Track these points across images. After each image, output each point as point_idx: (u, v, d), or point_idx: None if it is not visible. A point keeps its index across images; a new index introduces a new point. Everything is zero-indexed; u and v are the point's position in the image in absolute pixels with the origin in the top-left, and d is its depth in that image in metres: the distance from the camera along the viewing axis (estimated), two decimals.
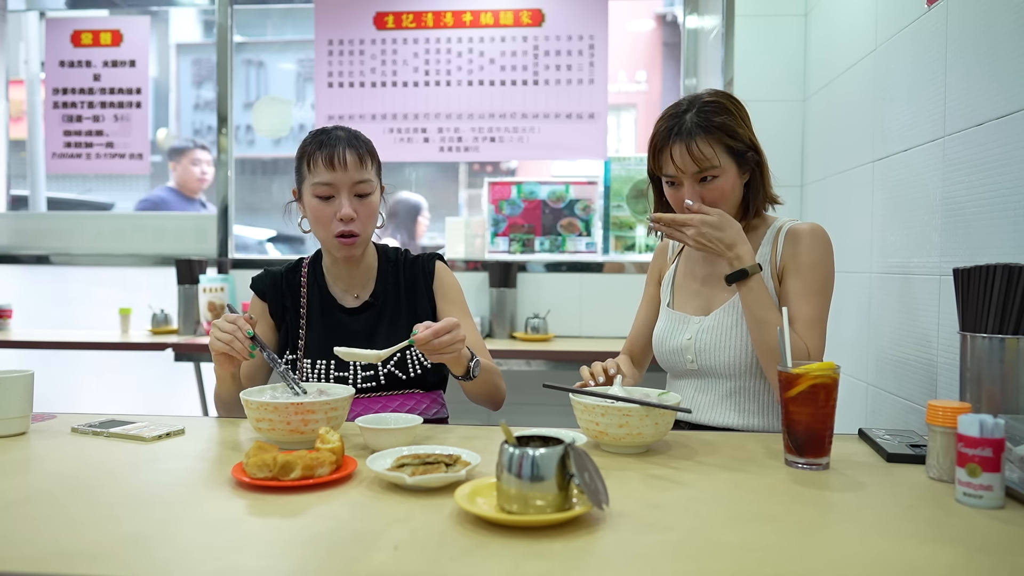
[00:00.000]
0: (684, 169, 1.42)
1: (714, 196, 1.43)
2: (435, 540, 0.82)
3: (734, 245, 1.39)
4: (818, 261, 1.43)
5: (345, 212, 1.47)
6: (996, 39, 1.39)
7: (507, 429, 0.92)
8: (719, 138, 1.41)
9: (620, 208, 3.16)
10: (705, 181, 1.43)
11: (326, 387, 1.36)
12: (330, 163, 1.47)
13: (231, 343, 1.33)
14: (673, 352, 1.52)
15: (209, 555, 0.79)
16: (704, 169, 1.42)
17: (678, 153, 1.42)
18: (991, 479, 0.93)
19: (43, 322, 3.39)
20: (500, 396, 1.57)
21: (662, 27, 8.13)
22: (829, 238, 1.46)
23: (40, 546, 0.80)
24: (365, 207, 1.51)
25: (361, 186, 1.50)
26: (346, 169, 1.47)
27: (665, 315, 1.58)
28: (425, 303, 1.60)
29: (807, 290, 1.41)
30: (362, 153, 1.50)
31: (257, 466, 1.00)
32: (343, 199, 1.48)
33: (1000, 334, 1.11)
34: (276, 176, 8.72)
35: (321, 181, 1.48)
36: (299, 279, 1.61)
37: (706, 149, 1.40)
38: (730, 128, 1.42)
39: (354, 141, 1.51)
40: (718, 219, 1.39)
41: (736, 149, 1.43)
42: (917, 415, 1.66)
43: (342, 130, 1.53)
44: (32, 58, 3.76)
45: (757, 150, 1.47)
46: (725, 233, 1.38)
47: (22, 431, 1.29)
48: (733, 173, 1.44)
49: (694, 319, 1.51)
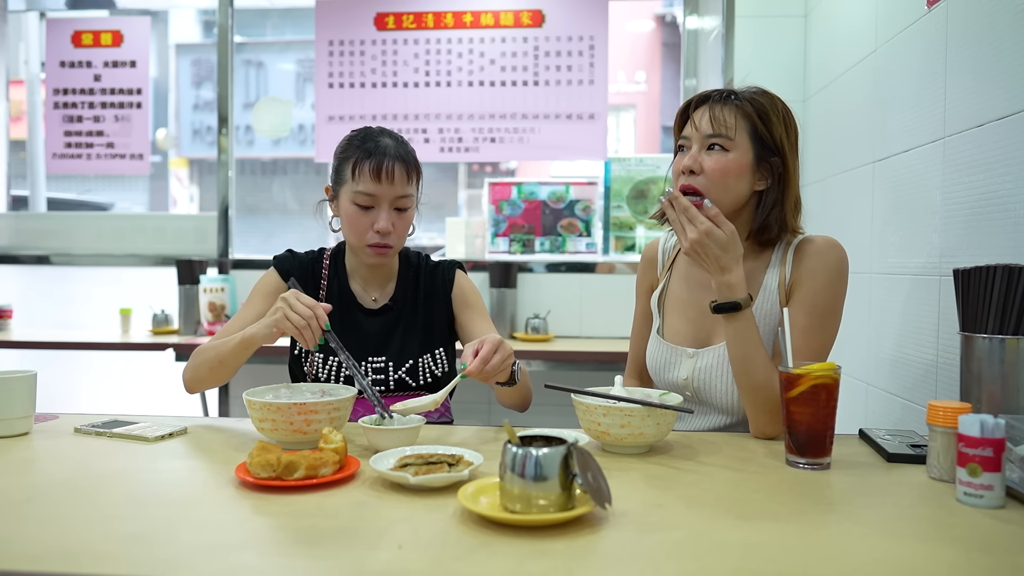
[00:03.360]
0: (699, 128, 1.34)
1: (712, 167, 1.32)
2: (439, 539, 0.82)
3: (729, 269, 1.26)
4: (825, 284, 1.32)
5: (383, 226, 1.45)
6: (997, 40, 1.40)
7: (510, 429, 0.92)
8: (747, 114, 1.33)
9: (620, 208, 3.17)
10: (712, 150, 1.33)
11: (329, 387, 1.36)
12: (377, 175, 1.44)
13: (303, 329, 1.27)
14: (669, 386, 1.44)
15: (213, 555, 0.79)
16: (716, 134, 1.32)
17: (699, 114, 1.35)
18: (992, 479, 0.93)
19: (43, 322, 3.40)
20: (530, 398, 1.52)
21: (662, 28, 8.14)
22: (842, 254, 1.35)
23: (44, 545, 0.81)
24: (403, 220, 1.49)
25: (402, 200, 1.48)
26: (392, 183, 1.45)
27: (656, 343, 1.47)
28: (442, 312, 1.60)
29: (810, 320, 1.30)
30: (410, 168, 1.47)
31: (260, 466, 1.00)
32: (383, 212, 1.46)
33: (1000, 334, 1.11)
34: (276, 176, 8.72)
35: (364, 191, 1.45)
36: (320, 270, 1.60)
37: (728, 116, 1.32)
38: (766, 113, 1.33)
39: (403, 153, 1.47)
40: (726, 237, 1.25)
41: (761, 137, 1.33)
42: (918, 415, 1.66)
43: (390, 137, 1.49)
44: (32, 58, 3.76)
45: (785, 160, 1.35)
46: (727, 254, 1.25)
47: (25, 431, 1.30)
48: (746, 159, 1.33)
49: (687, 352, 1.41)
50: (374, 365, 1.53)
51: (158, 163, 7.94)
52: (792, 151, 1.36)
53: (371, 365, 1.53)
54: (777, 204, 1.36)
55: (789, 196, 1.36)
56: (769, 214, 1.36)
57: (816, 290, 1.32)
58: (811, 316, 1.31)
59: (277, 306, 1.31)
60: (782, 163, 1.35)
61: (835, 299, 1.34)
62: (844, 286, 1.35)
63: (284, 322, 1.29)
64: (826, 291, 1.32)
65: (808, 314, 1.31)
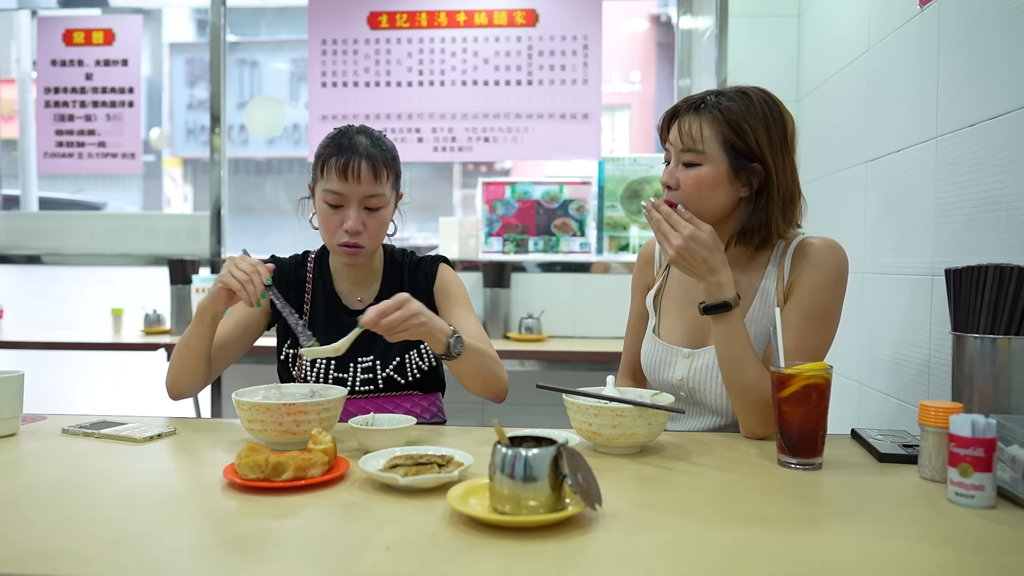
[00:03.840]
0: (673, 143, 1.34)
1: (685, 182, 1.31)
2: (427, 541, 0.82)
3: (717, 270, 1.24)
4: (823, 285, 1.30)
5: (350, 226, 1.44)
6: (988, 40, 1.40)
7: (500, 429, 0.92)
8: (717, 124, 1.29)
9: (614, 208, 3.16)
10: (687, 166, 1.32)
11: (319, 388, 1.35)
12: (344, 174, 1.43)
13: (246, 283, 1.33)
14: (663, 386, 1.44)
15: (200, 556, 0.79)
16: (686, 149, 1.31)
17: (674, 126, 1.34)
18: (983, 479, 0.93)
19: (34, 322, 3.38)
20: (499, 384, 1.47)
21: (656, 27, 8.15)
22: (842, 256, 1.33)
23: (30, 547, 0.80)
24: (374, 220, 1.47)
25: (372, 200, 1.46)
26: (359, 182, 1.43)
27: (651, 342, 1.46)
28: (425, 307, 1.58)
29: (806, 322, 1.29)
30: (378, 166, 1.45)
31: (249, 467, 0.99)
32: (351, 211, 1.45)
33: (992, 334, 1.11)
34: (270, 176, 8.70)
35: (331, 189, 1.45)
36: (305, 273, 1.59)
37: (695, 129, 1.30)
38: (736, 121, 1.29)
39: (373, 152, 1.45)
40: (709, 238, 1.24)
41: (735, 146, 1.29)
42: (909, 415, 1.66)
43: (364, 135, 1.48)
44: (24, 57, 3.74)
45: (766, 165, 1.31)
46: (712, 256, 1.24)
47: (12, 432, 1.28)
48: (720, 171, 1.30)
49: (683, 352, 1.40)
50: (362, 365, 1.52)
51: (151, 162, 7.91)
52: (778, 151, 1.32)
53: (359, 365, 1.52)
54: (761, 208, 1.33)
55: (774, 199, 1.32)
56: (751, 218, 1.33)
57: (814, 292, 1.31)
58: (807, 318, 1.30)
59: (223, 267, 1.37)
60: (763, 167, 1.31)
61: (833, 302, 1.32)
62: (843, 289, 1.33)
63: (228, 277, 1.35)
64: (824, 293, 1.31)
65: (804, 315, 1.30)
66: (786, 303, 1.33)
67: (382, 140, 1.51)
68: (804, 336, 1.29)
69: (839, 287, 1.32)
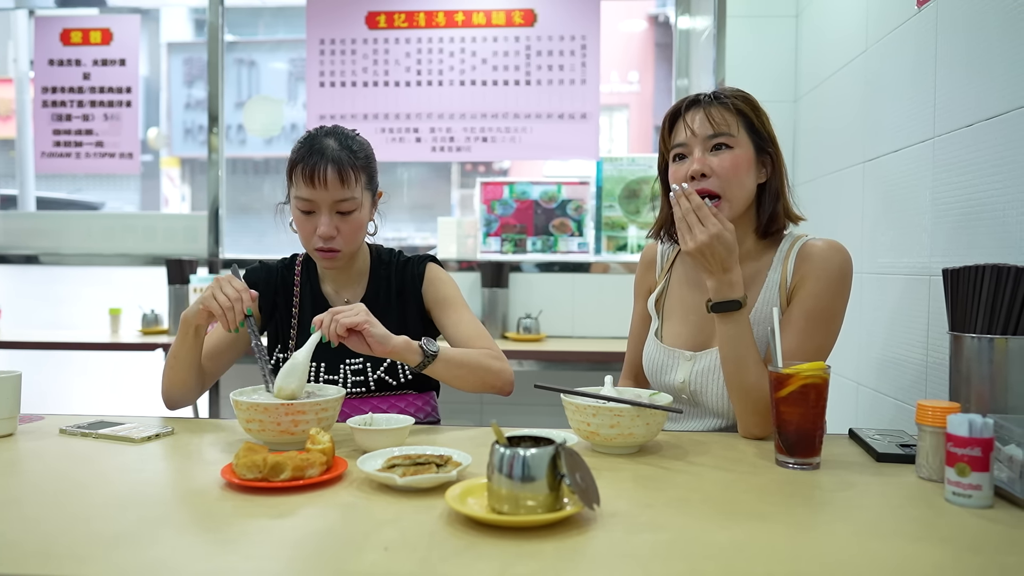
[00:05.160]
0: (697, 132, 1.32)
1: (725, 166, 1.31)
2: (425, 541, 0.82)
3: (731, 268, 1.25)
4: (826, 287, 1.30)
5: (323, 231, 1.42)
6: (986, 40, 1.40)
7: (498, 429, 0.92)
8: (740, 110, 1.34)
9: (612, 208, 3.16)
10: (718, 150, 1.32)
11: (317, 388, 1.35)
12: (310, 180, 1.40)
13: (227, 310, 1.33)
14: (665, 388, 1.43)
15: (198, 557, 0.79)
16: (719, 134, 1.31)
17: (693, 118, 1.34)
18: (980, 478, 0.93)
19: (32, 322, 3.37)
20: (498, 380, 1.46)
21: (654, 28, 8.15)
22: (845, 258, 1.33)
23: (28, 547, 0.80)
24: (348, 223, 1.45)
25: (343, 204, 1.43)
26: (326, 188, 1.41)
27: (654, 345, 1.46)
28: (414, 308, 1.56)
29: (807, 323, 1.29)
30: (345, 170, 1.41)
31: (247, 467, 0.99)
32: (323, 216, 1.43)
33: (989, 334, 1.11)
34: (268, 176, 8.69)
35: (301, 196, 1.43)
36: (292, 277, 1.59)
37: (726, 115, 1.33)
38: (755, 107, 1.36)
39: (340, 156, 1.42)
40: (731, 238, 1.24)
41: (756, 128, 1.34)
42: (907, 415, 1.66)
43: (333, 138, 1.45)
44: (21, 56, 3.74)
45: (776, 149, 1.37)
46: (730, 255, 1.24)
47: (9, 432, 1.28)
48: (749, 152, 1.33)
49: (685, 355, 1.40)
50: (353, 367, 1.51)
51: (149, 162, 7.90)
52: (776, 142, 1.39)
53: (349, 367, 1.51)
54: (774, 194, 1.38)
55: (784, 185, 1.38)
56: (776, 204, 1.37)
57: (817, 293, 1.31)
58: (808, 319, 1.30)
59: (209, 286, 1.37)
60: (774, 150, 1.37)
61: (835, 303, 1.32)
62: (846, 291, 1.33)
63: (211, 300, 1.35)
64: (826, 294, 1.31)
65: (806, 316, 1.30)
66: (789, 304, 1.33)
67: (352, 141, 1.47)
68: (806, 336, 1.29)
69: (843, 289, 1.32)
